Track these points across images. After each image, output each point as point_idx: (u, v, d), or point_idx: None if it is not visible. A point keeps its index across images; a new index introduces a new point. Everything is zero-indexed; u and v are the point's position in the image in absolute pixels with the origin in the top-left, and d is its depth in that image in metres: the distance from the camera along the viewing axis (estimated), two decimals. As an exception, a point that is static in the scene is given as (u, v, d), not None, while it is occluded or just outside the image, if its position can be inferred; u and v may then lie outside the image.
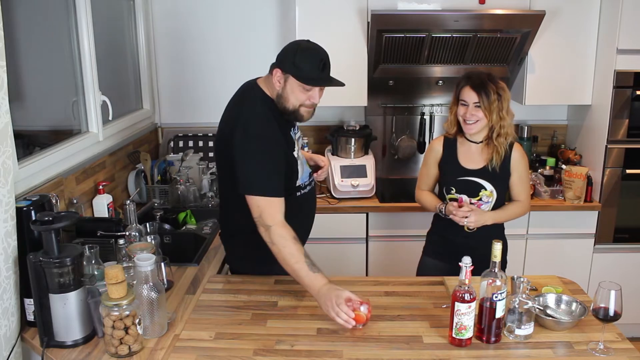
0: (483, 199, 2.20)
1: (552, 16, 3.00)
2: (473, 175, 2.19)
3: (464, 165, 2.22)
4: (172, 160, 3.20)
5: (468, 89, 2.11)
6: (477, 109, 2.10)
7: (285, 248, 1.81)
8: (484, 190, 2.19)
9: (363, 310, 1.71)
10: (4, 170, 1.68)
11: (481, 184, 2.19)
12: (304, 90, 1.86)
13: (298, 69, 1.83)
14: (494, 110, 2.09)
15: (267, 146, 1.87)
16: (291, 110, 1.90)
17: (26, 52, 2.21)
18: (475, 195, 2.19)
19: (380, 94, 3.38)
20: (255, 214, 1.86)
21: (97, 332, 1.69)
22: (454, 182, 2.21)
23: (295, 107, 1.90)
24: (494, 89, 2.08)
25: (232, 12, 3.38)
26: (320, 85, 1.89)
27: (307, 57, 1.85)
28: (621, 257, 3.16)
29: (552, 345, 1.65)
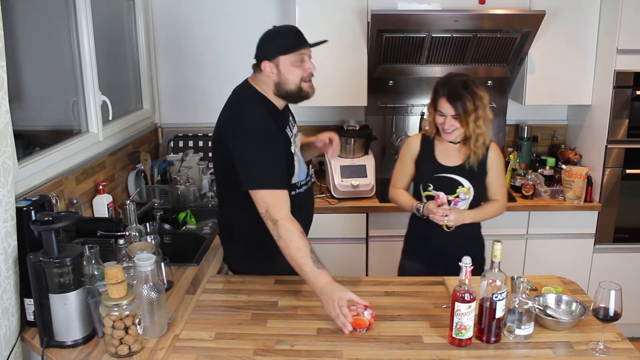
0: (460, 196, 2.18)
1: (552, 16, 3.00)
2: (450, 172, 2.18)
3: (441, 162, 2.20)
4: (172, 160, 3.20)
5: (444, 101, 2.09)
6: (454, 120, 2.09)
7: (292, 242, 1.81)
8: (461, 187, 2.18)
9: (366, 315, 1.71)
10: (4, 170, 1.68)
11: (458, 181, 2.18)
12: (297, 64, 1.91)
13: (281, 46, 1.89)
14: (470, 120, 2.08)
15: (267, 141, 1.89)
16: (295, 91, 1.94)
17: (26, 52, 2.21)
18: (452, 192, 2.18)
19: (380, 94, 3.38)
20: (262, 210, 1.86)
21: (97, 332, 1.69)
22: (430, 178, 2.20)
23: (298, 85, 1.93)
24: (471, 100, 2.06)
25: (232, 12, 3.38)
26: (307, 46, 1.92)
27: (282, 34, 1.93)
28: (621, 257, 3.16)
29: (552, 345, 1.65)
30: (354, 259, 3.12)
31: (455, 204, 2.19)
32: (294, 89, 1.94)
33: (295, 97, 1.97)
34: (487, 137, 2.15)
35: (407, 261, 2.38)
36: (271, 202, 1.85)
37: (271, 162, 1.89)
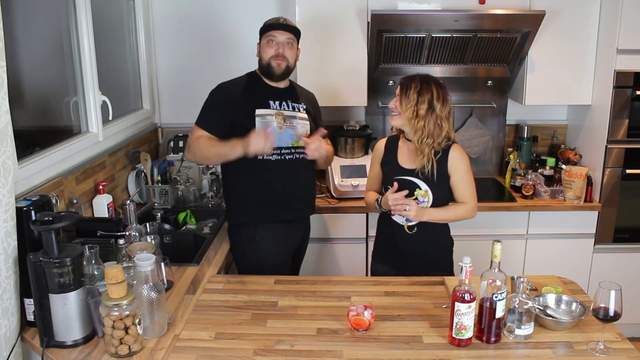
0: (419, 198, 2.16)
1: (552, 16, 3.00)
2: (408, 174, 2.18)
3: (401, 165, 2.21)
4: (172, 160, 3.19)
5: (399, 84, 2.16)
6: (396, 102, 2.14)
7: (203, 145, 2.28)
8: (418, 190, 2.16)
9: (367, 316, 1.71)
10: (4, 170, 1.68)
11: (416, 183, 2.16)
12: (269, 44, 2.33)
13: (262, 27, 2.37)
14: (408, 106, 2.08)
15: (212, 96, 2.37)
16: (265, 65, 2.35)
17: (26, 52, 2.21)
18: (411, 194, 2.16)
19: (380, 94, 3.38)
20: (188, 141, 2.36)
21: (97, 332, 1.69)
22: (390, 180, 2.20)
23: (267, 61, 2.34)
24: (417, 88, 2.08)
25: (231, 12, 3.38)
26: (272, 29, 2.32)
27: (270, 19, 2.38)
28: (621, 257, 3.16)
29: (552, 345, 1.65)
30: (354, 259, 3.11)
31: None
32: (264, 64, 2.35)
33: (267, 71, 2.36)
34: (429, 136, 2.09)
35: (377, 264, 2.37)
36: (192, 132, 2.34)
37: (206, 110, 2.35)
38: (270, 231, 2.37)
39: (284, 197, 2.37)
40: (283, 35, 2.32)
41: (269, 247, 2.36)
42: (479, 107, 3.44)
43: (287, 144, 2.35)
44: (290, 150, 2.36)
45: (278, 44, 2.32)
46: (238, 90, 2.36)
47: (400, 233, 2.22)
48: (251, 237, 2.36)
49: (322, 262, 3.09)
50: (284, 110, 2.38)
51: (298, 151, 2.36)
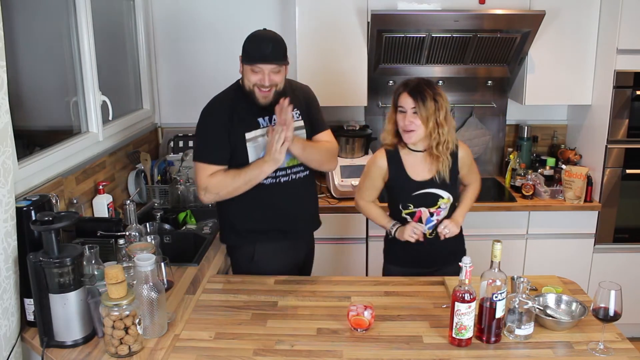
0: (442, 207, 2.16)
1: (552, 16, 3.00)
2: (427, 187, 2.14)
3: (414, 179, 2.15)
4: (172, 160, 3.19)
5: (405, 95, 2.05)
6: (414, 116, 2.04)
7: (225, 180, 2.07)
8: (441, 199, 2.15)
9: (366, 315, 1.71)
10: (4, 170, 1.68)
11: (438, 194, 2.14)
12: (252, 72, 2.03)
13: (245, 52, 2.05)
14: (430, 117, 2.03)
15: (203, 125, 2.13)
16: (248, 92, 2.09)
17: (26, 52, 2.21)
18: (434, 204, 2.14)
19: (380, 94, 3.38)
20: (196, 182, 2.13)
21: (97, 332, 1.69)
22: (409, 198, 2.15)
23: (250, 89, 2.07)
24: (431, 95, 2.02)
25: (232, 12, 3.38)
26: (256, 62, 2.02)
27: (253, 41, 2.05)
28: (621, 257, 3.16)
29: (552, 345, 1.65)
30: (354, 259, 3.12)
31: (438, 214, 2.17)
32: (247, 90, 2.09)
33: (250, 97, 2.09)
34: (450, 141, 2.09)
35: (391, 266, 2.34)
36: (200, 174, 2.10)
37: (202, 142, 2.13)
38: (269, 251, 2.21)
39: (282, 220, 2.20)
40: (268, 67, 2.02)
41: (268, 265, 2.20)
42: (479, 107, 3.44)
43: (283, 165, 2.11)
44: (286, 172, 2.16)
45: (262, 74, 2.02)
46: (225, 112, 2.10)
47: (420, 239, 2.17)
48: (250, 257, 2.22)
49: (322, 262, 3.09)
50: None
51: (294, 170, 2.18)
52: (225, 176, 2.08)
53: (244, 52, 2.05)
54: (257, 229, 2.19)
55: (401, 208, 2.19)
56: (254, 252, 2.20)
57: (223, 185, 2.08)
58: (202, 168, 2.09)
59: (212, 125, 2.12)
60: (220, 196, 2.11)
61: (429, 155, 2.14)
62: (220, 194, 2.09)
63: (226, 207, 2.20)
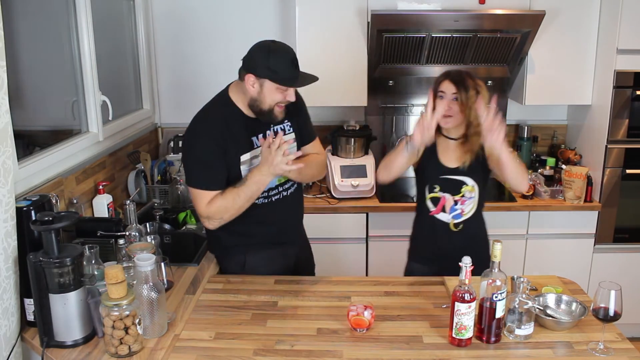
0: (466, 195, 2.17)
1: (552, 16, 3.00)
2: (454, 173, 2.16)
3: (444, 164, 2.18)
4: (172, 160, 3.19)
5: (447, 82, 2.08)
6: (453, 102, 2.06)
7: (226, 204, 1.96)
8: (465, 186, 2.16)
9: (366, 316, 1.71)
10: (4, 170, 1.68)
11: (462, 181, 2.16)
12: (280, 90, 1.93)
13: (274, 72, 1.89)
14: (471, 105, 2.04)
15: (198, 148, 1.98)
16: (267, 111, 1.97)
17: (26, 52, 2.21)
18: (458, 192, 2.17)
19: (380, 94, 3.38)
20: (196, 208, 2.02)
21: (97, 332, 1.69)
22: (436, 180, 2.18)
23: (271, 107, 1.96)
24: (473, 85, 2.05)
25: (232, 12, 3.38)
26: (299, 85, 1.95)
27: (280, 59, 1.90)
28: (621, 257, 3.16)
29: (552, 345, 1.65)
30: (354, 259, 3.12)
31: (463, 204, 2.18)
32: (266, 109, 1.96)
33: (264, 116, 1.99)
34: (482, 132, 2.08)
35: (414, 264, 2.34)
36: (198, 202, 1.98)
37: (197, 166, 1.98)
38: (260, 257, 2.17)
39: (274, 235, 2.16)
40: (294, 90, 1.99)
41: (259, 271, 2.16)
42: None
43: (274, 184, 2.08)
44: (278, 190, 2.11)
45: (290, 92, 1.95)
46: (219, 131, 1.97)
47: (445, 231, 2.19)
48: (241, 265, 2.18)
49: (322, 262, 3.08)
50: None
51: (285, 187, 2.14)
52: (224, 199, 1.96)
53: (271, 71, 1.88)
54: (246, 243, 2.14)
55: (427, 191, 2.20)
56: (244, 262, 2.17)
57: (225, 210, 1.97)
58: (200, 195, 1.97)
59: (206, 147, 1.96)
60: (224, 220, 2.00)
61: (461, 144, 2.16)
62: (224, 218, 1.99)
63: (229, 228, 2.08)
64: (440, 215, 2.19)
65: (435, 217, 2.20)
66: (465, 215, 2.18)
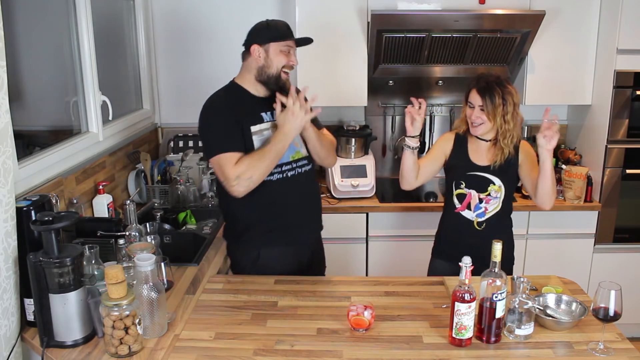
0: (492, 194, 2.23)
1: (552, 16, 3.00)
2: (482, 171, 2.23)
3: (473, 161, 2.25)
4: (172, 160, 3.20)
5: (474, 92, 2.17)
6: (481, 112, 2.16)
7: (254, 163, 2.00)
8: (492, 185, 2.22)
9: (366, 316, 1.71)
10: (4, 170, 1.68)
11: (490, 179, 2.22)
12: (284, 53, 2.09)
13: (274, 34, 2.09)
14: (497, 114, 2.13)
15: (212, 119, 2.09)
16: (274, 76, 2.11)
17: (26, 52, 2.21)
18: (484, 190, 2.23)
19: (380, 94, 3.38)
20: (221, 178, 2.04)
21: (97, 332, 1.69)
22: (463, 176, 2.24)
23: (279, 71, 2.10)
24: (500, 94, 2.12)
25: (232, 12, 3.38)
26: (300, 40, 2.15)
27: (278, 25, 2.13)
28: (621, 257, 3.16)
29: (552, 345, 1.65)
30: (354, 259, 3.12)
31: (487, 202, 2.23)
32: (274, 73, 2.10)
33: (273, 82, 2.12)
34: (515, 135, 2.18)
35: (437, 260, 2.39)
36: (225, 166, 2.01)
37: (217, 133, 2.06)
38: (274, 253, 2.20)
39: (290, 218, 2.19)
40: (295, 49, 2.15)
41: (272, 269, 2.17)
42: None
43: (288, 159, 2.14)
44: (292, 165, 2.17)
45: (292, 54, 2.11)
46: (229, 105, 2.10)
47: (469, 229, 2.25)
48: (254, 260, 2.19)
49: (322, 262, 3.09)
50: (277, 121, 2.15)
51: (299, 164, 2.19)
52: (251, 158, 2.00)
53: (270, 34, 2.08)
54: (262, 230, 2.16)
55: (454, 187, 2.26)
56: (258, 256, 2.19)
57: (254, 167, 1.99)
58: (226, 159, 2.00)
59: (220, 116, 2.07)
60: (253, 181, 2.00)
61: (493, 145, 2.23)
62: (253, 177, 1.99)
63: (232, 207, 2.18)
64: (465, 212, 2.26)
65: (460, 214, 2.26)
66: (488, 214, 2.23)
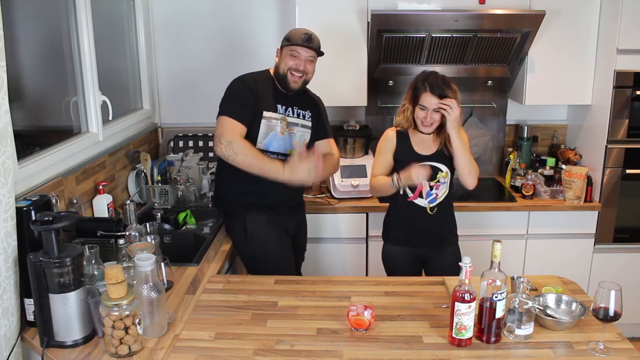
0: (440, 180, 2.34)
1: (552, 16, 3.00)
2: (429, 160, 2.32)
3: (420, 153, 2.35)
4: (172, 160, 3.20)
5: (428, 95, 2.23)
6: (435, 113, 2.24)
7: (249, 153, 2.22)
8: (440, 173, 2.33)
9: (367, 316, 1.71)
10: (4, 170, 1.68)
11: (438, 167, 2.33)
12: (291, 57, 2.32)
13: (287, 39, 2.34)
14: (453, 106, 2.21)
15: (237, 88, 2.33)
16: (282, 75, 2.35)
17: (26, 52, 2.21)
18: (434, 178, 2.32)
19: (380, 94, 3.38)
20: (218, 132, 2.25)
21: (97, 332, 1.69)
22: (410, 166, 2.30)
23: (285, 72, 2.34)
24: (453, 93, 2.24)
25: (232, 13, 3.38)
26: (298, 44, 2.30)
27: (295, 31, 2.36)
28: (621, 257, 3.16)
29: (552, 345, 1.65)
30: (354, 259, 3.12)
31: (437, 189, 2.34)
32: (281, 73, 2.35)
33: (282, 80, 2.36)
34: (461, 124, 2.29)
35: (391, 246, 2.49)
36: (227, 127, 2.24)
37: (235, 100, 2.30)
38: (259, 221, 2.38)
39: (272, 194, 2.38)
40: (307, 53, 2.33)
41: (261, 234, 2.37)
42: (479, 107, 3.44)
43: (285, 151, 2.38)
44: (287, 158, 2.32)
45: (299, 59, 2.32)
46: (254, 86, 2.34)
47: (421, 215, 2.37)
48: (242, 228, 2.38)
49: (322, 262, 3.09)
50: (288, 117, 2.40)
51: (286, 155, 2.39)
52: (251, 148, 2.23)
53: (286, 39, 2.34)
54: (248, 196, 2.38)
55: None
56: (245, 223, 2.37)
57: (245, 154, 2.21)
58: (228, 121, 2.24)
59: (243, 89, 2.31)
60: (235, 160, 2.21)
61: (435, 134, 2.35)
62: (237, 158, 2.21)
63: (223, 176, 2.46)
64: (417, 200, 2.36)
65: (413, 202, 2.36)
66: (439, 199, 2.36)
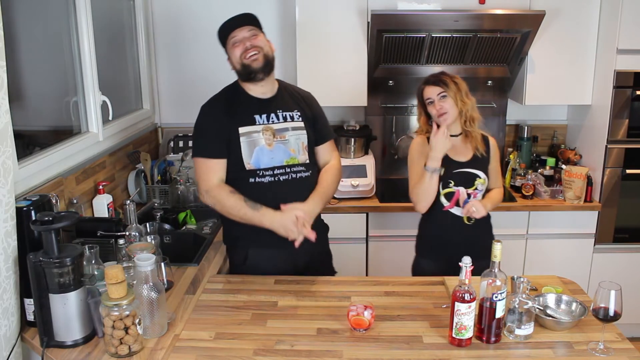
0: (478, 188, 2.27)
1: (552, 16, 3.00)
2: (466, 166, 2.26)
3: (454, 159, 2.26)
4: (172, 160, 3.20)
5: (428, 87, 2.23)
6: (443, 100, 2.20)
7: (226, 203, 2.05)
8: (478, 179, 2.26)
9: (366, 315, 1.71)
10: (4, 170, 1.68)
11: (476, 174, 2.26)
12: (234, 47, 2.09)
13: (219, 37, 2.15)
14: (456, 95, 2.20)
15: (199, 121, 2.13)
16: (241, 69, 2.10)
17: (26, 52, 2.21)
18: (471, 185, 2.25)
19: (380, 94, 3.38)
20: (196, 178, 2.13)
21: (97, 332, 1.69)
22: (450, 175, 2.25)
23: (240, 63, 2.08)
24: (449, 78, 2.21)
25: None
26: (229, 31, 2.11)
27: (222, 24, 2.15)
28: (621, 257, 3.16)
29: (552, 345, 1.65)
30: (354, 259, 3.12)
31: (474, 196, 2.26)
32: (239, 68, 2.10)
33: (245, 74, 2.10)
34: (475, 117, 2.26)
35: (424, 260, 2.38)
36: (202, 172, 2.09)
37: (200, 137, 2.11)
38: (264, 254, 2.14)
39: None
40: (242, 31, 2.09)
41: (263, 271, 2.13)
42: (479, 107, 3.36)
43: (281, 163, 2.09)
44: (285, 170, 2.09)
45: (242, 42, 2.08)
46: (221, 107, 2.12)
47: (458, 225, 2.26)
48: (243, 260, 2.17)
49: (322, 262, 3.09)
50: (273, 124, 2.11)
51: (294, 170, 2.11)
52: (228, 198, 2.04)
53: (219, 38, 2.14)
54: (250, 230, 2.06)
55: (441, 187, 2.26)
56: (247, 257, 2.16)
57: (222, 205, 2.06)
58: (201, 164, 2.09)
59: (208, 120, 2.12)
60: (216, 209, 2.10)
61: (464, 137, 2.30)
62: (216, 207, 2.09)
63: None
64: (454, 209, 2.26)
65: (449, 212, 2.27)
66: None
